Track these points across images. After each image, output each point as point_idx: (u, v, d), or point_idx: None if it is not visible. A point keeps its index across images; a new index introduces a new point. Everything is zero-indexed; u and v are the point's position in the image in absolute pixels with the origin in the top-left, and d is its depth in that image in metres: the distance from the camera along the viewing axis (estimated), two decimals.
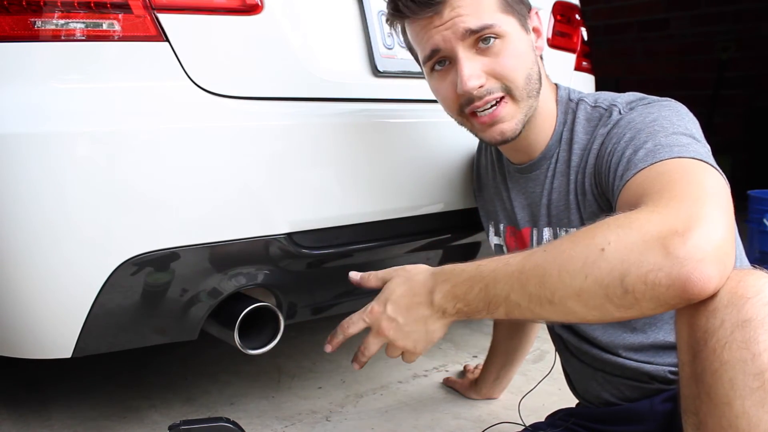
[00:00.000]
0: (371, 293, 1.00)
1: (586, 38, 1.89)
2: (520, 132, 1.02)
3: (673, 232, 0.71)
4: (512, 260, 0.83)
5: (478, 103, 0.99)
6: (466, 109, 1.01)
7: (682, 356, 0.78)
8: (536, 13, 1.05)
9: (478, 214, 1.33)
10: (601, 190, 0.98)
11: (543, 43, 1.06)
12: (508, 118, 1.01)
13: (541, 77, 1.04)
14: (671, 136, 0.88)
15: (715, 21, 4.99)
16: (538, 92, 1.03)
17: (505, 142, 1.03)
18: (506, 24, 0.98)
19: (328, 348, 0.99)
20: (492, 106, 0.99)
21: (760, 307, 0.71)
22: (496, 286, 0.83)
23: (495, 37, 0.97)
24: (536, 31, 1.05)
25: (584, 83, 1.85)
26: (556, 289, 0.77)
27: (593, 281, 0.74)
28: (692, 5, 5.09)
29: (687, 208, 0.74)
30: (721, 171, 0.84)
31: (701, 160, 0.84)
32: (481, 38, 0.97)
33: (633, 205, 0.81)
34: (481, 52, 0.98)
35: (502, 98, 0.99)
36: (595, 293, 0.74)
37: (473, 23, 0.96)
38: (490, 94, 0.99)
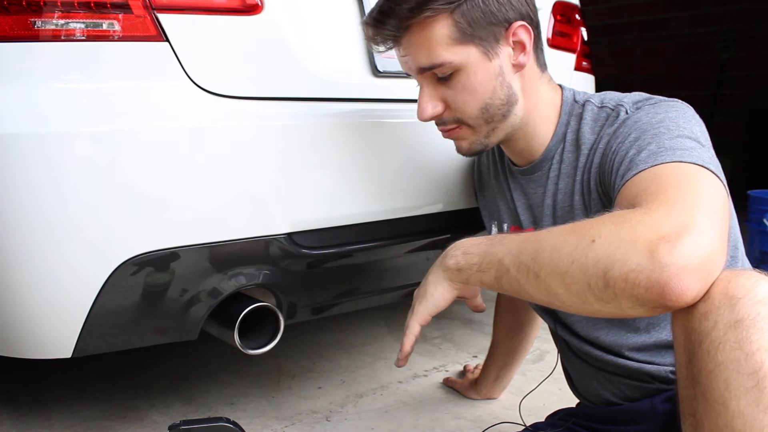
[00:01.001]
0: (371, 294, 1.03)
1: (586, 38, 1.89)
2: (482, 149, 1.08)
3: (661, 237, 0.72)
4: (523, 233, 0.89)
5: (438, 127, 1.08)
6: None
7: (678, 358, 0.78)
8: (522, 26, 1.00)
9: (479, 213, 1.33)
10: (604, 189, 0.99)
11: (526, 58, 1.02)
12: (462, 138, 1.07)
13: (511, 98, 1.03)
14: (675, 138, 0.88)
15: (715, 21, 4.99)
16: (505, 115, 1.04)
17: (467, 155, 1.11)
18: (462, 56, 0.98)
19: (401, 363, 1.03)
20: (449, 130, 1.07)
21: (752, 306, 0.71)
22: (496, 246, 0.88)
23: (450, 71, 1.00)
24: (520, 45, 1.01)
25: (584, 83, 1.85)
26: (544, 266, 0.80)
27: (578, 267, 0.76)
28: (692, 5, 5.09)
29: (679, 214, 0.75)
30: (722, 177, 0.85)
31: (702, 166, 0.84)
32: (435, 72, 1.01)
33: (629, 205, 0.82)
34: (441, 81, 1.02)
35: (455, 128, 1.06)
36: (578, 279, 0.76)
37: (423, 62, 1.00)
38: (444, 124, 1.07)
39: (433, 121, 1.07)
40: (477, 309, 1.05)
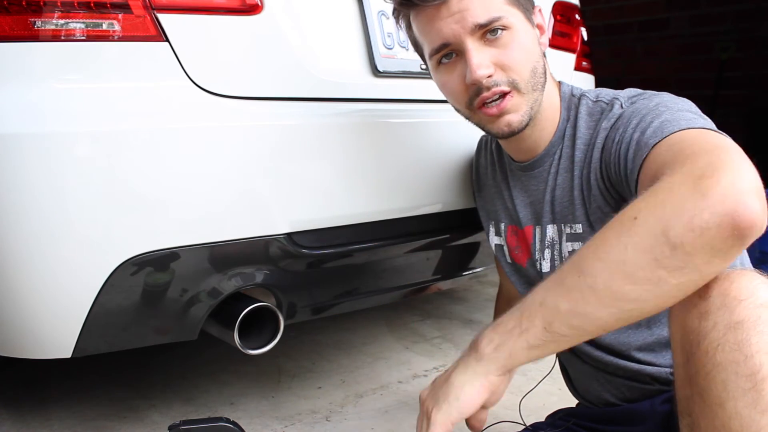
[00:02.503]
0: (371, 294, 1.00)
1: (586, 38, 1.89)
2: (527, 124, 1.02)
3: (699, 178, 0.70)
4: (549, 276, 0.80)
5: (486, 94, 0.99)
6: (474, 101, 1.01)
7: (676, 358, 0.78)
8: (539, 10, 1.06)
9: (478, 214, 1.33)
10: (610, 183, 0.98)
11: (546, 39, 1.06)
12: (515, 110, 1.00)
13: (546, 72, 1.05)
14: (677, 113, 0.88)
15: (715, 21, 4.98)
16: (543, 86, 1.03)
17: (512, 133, 1.03)
18: (513, 16, 0.99)
19: None
20: (499, 98, 0.99)
21: (753, 309, 0.71)
22: (528, 299, 0.79)
23: (502, 29, 0.97)
24: (539, 27, 1.05)
25: (584, 83, 1.86)
26: (597, 272, 0.73)
27: (634, 249, 0.71)
28: (692, 5, 5.09)
29: (706, 159, 0.73)
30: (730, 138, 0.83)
31: (711, 130, 0.83)
32: (488, 30, 0.97)
33: (653, 178, 0.79)
34: (489, 43, 0.98)
35: (508, 92, 0.99)
36: (641, 261, 0.70)
37: (481, 17, 0.96)
38: (497, 86, 0.99)
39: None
40: (475, 428, 0.89)
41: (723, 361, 0.70)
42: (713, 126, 0.86)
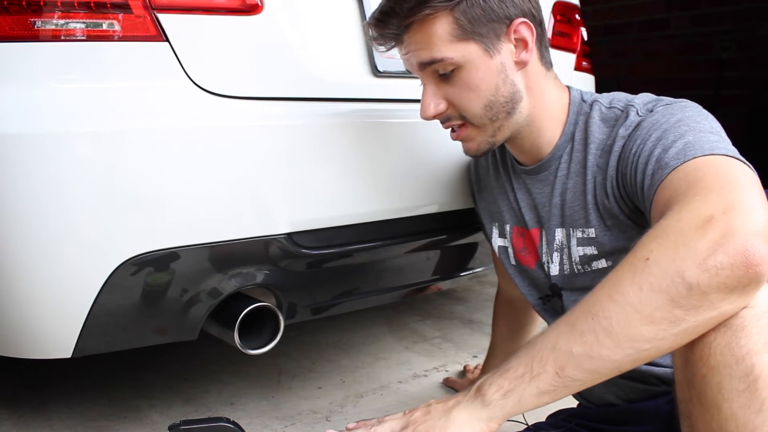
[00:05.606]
0: (371, 294, 1.00)
1: (586, 38, 1.89)
2: (487, 150, 1.07)
3: (708, 219, 0.71)
4: (556, 321, 0.78)
5: (443, 125, 1.06)
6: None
7: (675, 361, 0.79)
8: (523, 23, 0.99)
9: (478, 215, 1.33)
10: (625, 192, 0.97)
11: (528, 55, 1.01)
12: (470, 140, 1.06)
13: (515, 95, 1.02)
14: (699, 134, 0.87)
15: (715, 21, 4.98)
16: (510, 112, 1.02)
17: (475, 156, 1.10)
18: (462, 52, 0.98)
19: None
20: (454, 129, 1.06)
21: (742, 312, 0.72)
22: (539, 343, 0.78)
23: (452, 68, 0.99)
24: (522, 42, 1.00)
25: (584, 83, 1.85)
26: (611, 314, 0.72)
27: (650, 290, 0.71)
28: (692, 5, 5.09)
29: (717, 197, 0.74)
30: (752, 167, 0.83)
31: (732, 157, 0.83)
32: (436, 69, 1.00)
33: (665, 206, 0.80)
34: (444, 79, 1.01)
35: (462, 124, 1.04)
36: (657, 301, 0.70)
37: (424, 57, 0.99)
38: (449, 120, 1.05)
39: (437, 121, 1.07)
40: None
41: (716, 364, 0.72)
42: (735, 151, 0.85)
